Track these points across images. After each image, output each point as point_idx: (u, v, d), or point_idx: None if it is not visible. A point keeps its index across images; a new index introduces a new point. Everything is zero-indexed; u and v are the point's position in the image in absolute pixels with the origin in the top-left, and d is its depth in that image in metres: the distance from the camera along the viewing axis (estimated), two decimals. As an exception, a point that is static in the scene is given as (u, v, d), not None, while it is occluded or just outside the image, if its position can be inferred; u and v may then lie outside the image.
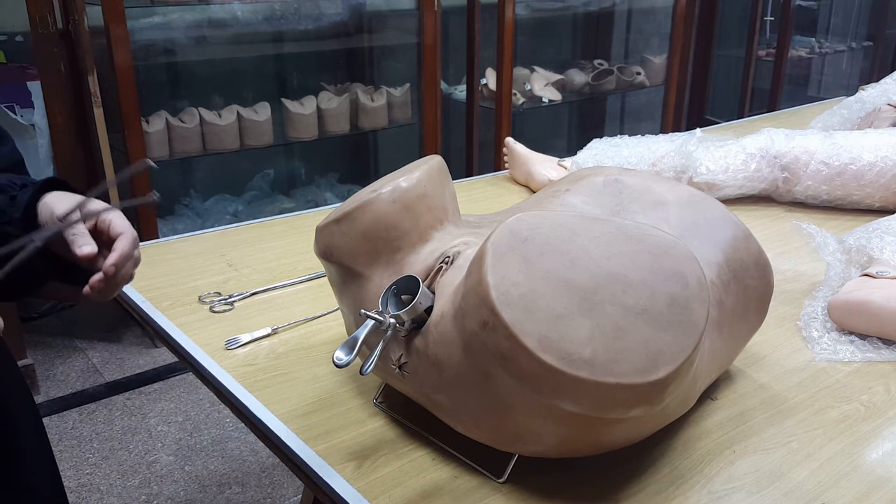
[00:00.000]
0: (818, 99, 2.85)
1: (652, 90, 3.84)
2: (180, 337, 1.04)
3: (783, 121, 2.19)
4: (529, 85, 3.38)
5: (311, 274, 1.21)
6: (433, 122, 2.99)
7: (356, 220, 0.82)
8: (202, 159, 2.81)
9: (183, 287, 1.18)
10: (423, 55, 2.89)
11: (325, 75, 3.10)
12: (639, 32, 4.04)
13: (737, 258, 0.86)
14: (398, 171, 0.89)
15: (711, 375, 0.87)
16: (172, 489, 1.96)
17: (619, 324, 0.66)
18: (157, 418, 2.24)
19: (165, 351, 2.34)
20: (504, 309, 0.65)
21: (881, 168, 1.44)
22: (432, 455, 0.80)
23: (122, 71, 2.23)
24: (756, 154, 1.51)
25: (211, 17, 2.82)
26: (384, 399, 0.89)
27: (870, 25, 4.93)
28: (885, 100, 1.83)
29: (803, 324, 1.06)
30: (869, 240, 1.11)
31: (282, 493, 1.95)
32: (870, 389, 0.92)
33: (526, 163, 1.65)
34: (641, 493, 0.75)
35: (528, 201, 1.00)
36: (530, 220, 0.72)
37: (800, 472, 0.78)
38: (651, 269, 0.70)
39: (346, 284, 0.85)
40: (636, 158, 1.55)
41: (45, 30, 2.23)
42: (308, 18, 3.02)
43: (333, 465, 0.78)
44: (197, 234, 1.41)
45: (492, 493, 0.75)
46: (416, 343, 0.75)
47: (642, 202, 0.89)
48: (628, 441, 0.75)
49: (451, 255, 0.79)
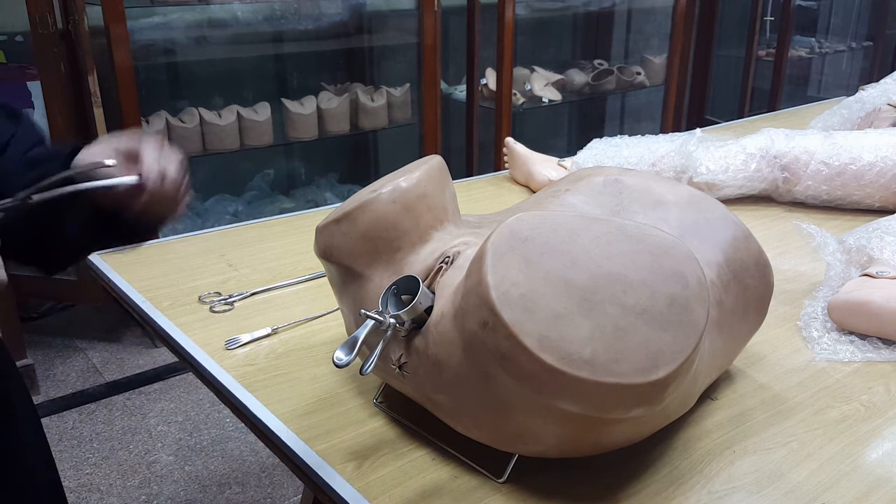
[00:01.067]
0: (818, 99, 2.85)
1: (652, 90, 3.85)
2: (180, 337, 1.04)
3: (783, 121, 2.19)
4: (529, 85, 3.39)
5: (311, 274, 1.21)
6: (433, 122, 3.00)
7: (356, 220, 0.82)
8: (202, 159, 2.81)
9: (183, 287, 1.18)
10: (423, 55, 2.89)
11: (325, 75, 3.10)
12: (639, 32, 4.04)
13: (737, 258, 0.86)
14: (398, 171, 0.89)
15: (711, 375, 0.87)
16: (172, 489, 1.96)
17: (619, 324, 0.66)
18: (157, 418, 2.24)
19: (165, 351, 2.34)
20: (504, 309, 0.65)
21: (881, 168, 1.44)
22: (432, 455, 0.80)
23: (122, 71, 2.23)
24: (756, 154, 1.51)
25: (211, 17, 2.83)
26: (384, 399, 0.89)
27: (870, 25, 4.93)
28: (885, 100, 1.83)
29: (803, 324, 1.06)
30: (869, 240, 1.11)
31: (282, 493, 1.95)
32: (870, 389, 0.92)
33: (526, 163, 1.65)
34: (641, 493, 0.75)
35: (528, 201, 1.00)
36: (530, 220, 0.72)
37: (800, 472, 0.78)
38: (651, 269, 0.70)
39: (346, 284, 0.85)
40: (636, 158, 1.55)
41: (45, 30, 2.23)
42: (308, 18, 3.02)
43: (333, 465, 0.78)
44: (197, 234, 1.41)
45: (492, 493, 0.75)
46: (416, 343, 0.75)
47: (642, 202, 0.89)
48: (628, 441, 0.75)
49: (451, 255, 0.79)
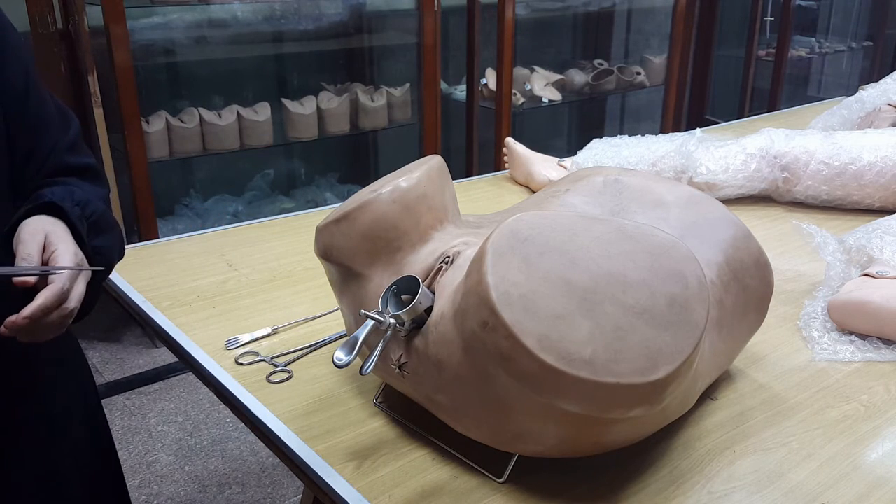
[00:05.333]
0: (818, 99, 2.85)
1: (652, 90, 3.85)
2: (180, 337, 1.04)
3: (783, 121, 2.19)
4: (529, 85, 3.39)
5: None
6: (433, 122, 3.00)
7: (356, 220, 0.82)
8: (202, 159, 2.81)
9: (183, 287, 1.18)
10: (423, 55, 2.89)
11: (325, 75, 3.10)
12: (639, 32, 4.04)
13: (737, 258, 0.86)
14: (398, 171, 0.89)
15: (711, 375, 0.87)
16: (172, 489, 1.96)
17: (619, 324, 0.66)
18: (157, 418, 2.24)
19: (165, 351, 2.34)
20: (504, 309, 0.65)
21: (881, 168, 1.44)
22: (432, 455, 0.80)
23: (122, 71, 2.23)
24: (756, 154, 1.51)
25: (211, 17, 2.82)
26: (384, 399, 0.89)
27: (870, 25, 4.93)
28: (885, 100, 1.83)
29: (803, 324, 1.06)
30: (869, 240, 1.11)
31: (282, 493, 1.95)
32: (870, 389, 0.92)
33: (526, 163, 1.65)
34: (641, 493, 0.75)
35: (528, 201, 1.00)
36: (530, 220, 0.72)
37: (800, 472, 0.78)
38: (651, 269, 0.70)
39: (346, 284, 0.85)
40: (636, 158, 1.55)
41: (45, 30, 2.23)
42: (308, 18, 3.02)
43: (333, 465, 0.78)
44: (197, 234, 1.41)
45: (492, 493, 0.75)
46: (416, 343, 0.75)
47: (642, 202, 0.89)
48: (628, 441, 0.75)
49: (451, 255, 0.79)
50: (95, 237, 0.84)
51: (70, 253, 0.76)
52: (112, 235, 0.87)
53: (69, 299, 0.75)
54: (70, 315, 0.76)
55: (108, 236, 0.86)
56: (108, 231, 0.87)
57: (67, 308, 0.75)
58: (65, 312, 0.75)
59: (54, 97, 0.90)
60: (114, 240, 0.88)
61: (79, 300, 0.76)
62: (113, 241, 0.88)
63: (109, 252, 0.87)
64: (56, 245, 0.76)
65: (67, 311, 0.75)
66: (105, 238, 0.85)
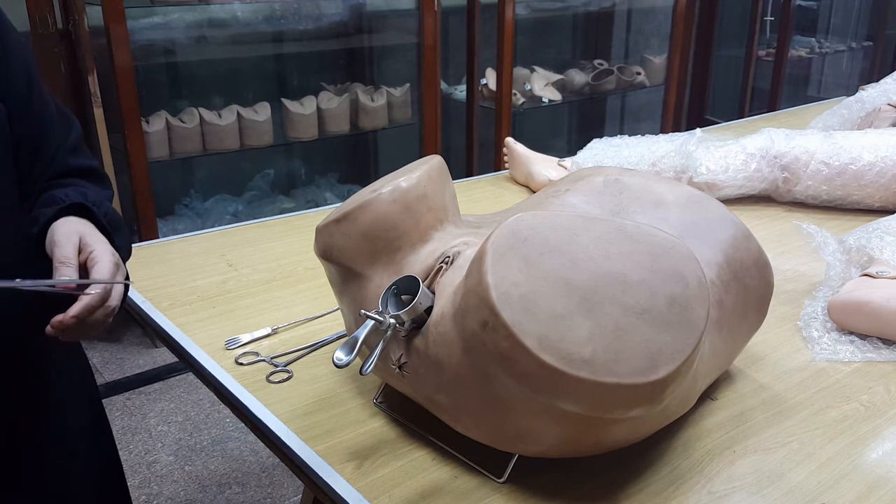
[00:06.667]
0: (818, 99, 2.85)
1: (652, 90, 3.85)
2: (180, 337, 1.04)
3: (783, 121, 2.19)
4: (529, 85, 3.39)
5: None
6: (433, 122, 3.00)
7: (356, 220, 0.82)
8: (202, 159, 2.81)
9: (183, 287, 1.18)
10: (423, 55, 2.89)
11: (325, 75, 3.10)
12: (639, 32, 4.04)
13: (737, 258, 0.86)
14: (398, 171, 0.89)
15: (711, 375, 0.87)
16: (172, 489, 1.96)
17: (619, 324, 0.66)
18: (157, 418, 2.24)
19: (165, 351, 2.34)
20: (504, 309, 0.65)
21: (881, 168, 1.44)
22: (432, 455, 0.80)
23: (122, 71, 2.23)
24: (756, 154, 1.51)
25: (211, 17, 2.82)
26: (384, 399, 0.89)
27: (870, 25, 4.93)
28: (885, 100, 1.83)
29: (803, 324, 1.06)
30: (869, 240, 1.11)
31: (282, 493, 1.95)
32: (870, 389, 0.92)
33: (526, 163, 1.65)
34: (641, 493, 0.75)
35: (528, 201, 1.00)
36: (530, 220, 0.72)
37: (800, 472, 0.78)
38: (651, 269, 0.70)
39: (346, 284, 0.85)
40: (636, 158, 1.55)
41: (45, 30, 2.23)
42: (308, 18, 3.02)
43: (333, 465, 0.78)
44: (197, 234, 1.41)
45: (492, 493, 0.75)
46: (416, 343, 0.75)
47: (642, 202, 0.89)
48: (628, 441, 0.75)
49: (451, 255, 0.79)
50: (115, 237, 0.85)
51: (108, 252, 0.78)
52: (124, 235, 0.89)
53: (111, 297, 0.77)
54: (112, 313, 0.78)
55: (122, 236, 0.88)
56: (121, 230, 0.88)
57: (110, 306, 0.77)
58: (108, 310, 0.77)
59: (55, 98, 0.90)
60: (126, 240, 0.90)
61: (119, 298, 0.79)
62: (126, 240, 0.90)
63: (125, 252, 0.88)
64: (92, 246, 0.78)
65: (110, 308, 0.77)
66: (120, 237, 0.87)
